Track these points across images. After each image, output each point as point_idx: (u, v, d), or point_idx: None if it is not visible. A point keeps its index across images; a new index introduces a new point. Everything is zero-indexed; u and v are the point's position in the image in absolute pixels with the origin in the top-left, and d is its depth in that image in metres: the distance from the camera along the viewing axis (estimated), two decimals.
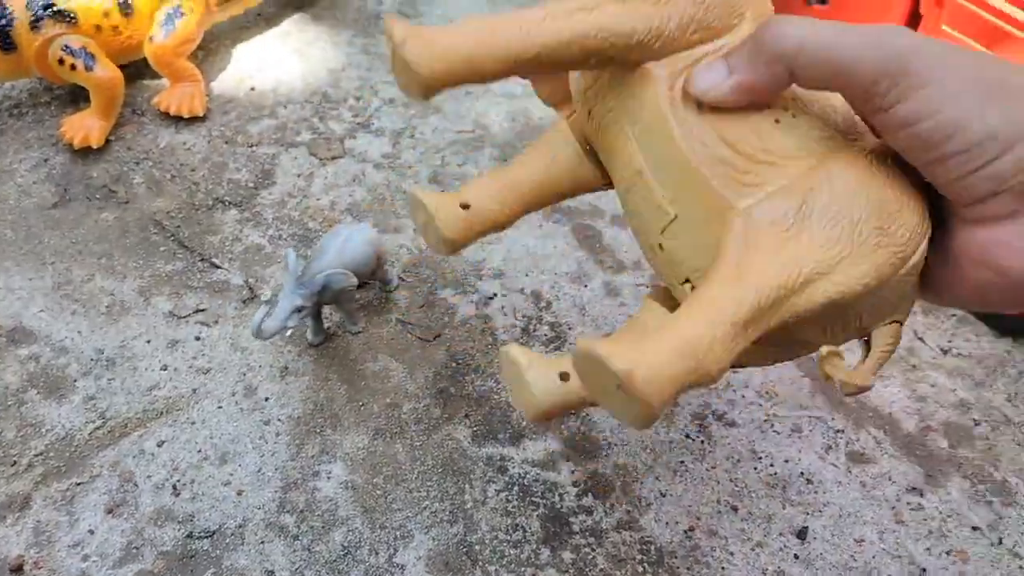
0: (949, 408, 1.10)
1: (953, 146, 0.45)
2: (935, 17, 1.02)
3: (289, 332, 1.04)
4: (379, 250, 1.09)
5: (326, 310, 1.14)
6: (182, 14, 1.36)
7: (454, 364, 1.11)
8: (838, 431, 1.06)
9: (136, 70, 1.44)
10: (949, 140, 0.45)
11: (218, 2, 1.43)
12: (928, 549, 0.96)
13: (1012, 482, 1.03)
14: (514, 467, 1.02)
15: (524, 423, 1.06)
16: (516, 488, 1.00)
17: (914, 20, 1.06)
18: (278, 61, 1.51)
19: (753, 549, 0.97)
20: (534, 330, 1.15)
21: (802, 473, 1.02)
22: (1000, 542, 0.97)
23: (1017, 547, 0.97)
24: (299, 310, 1.02)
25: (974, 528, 0.98)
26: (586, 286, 1.21)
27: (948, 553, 0.96)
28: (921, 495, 1.01)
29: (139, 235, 1.24)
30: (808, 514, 0.99)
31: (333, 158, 1.35)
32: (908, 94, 0.45)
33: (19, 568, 0.91)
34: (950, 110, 0.44)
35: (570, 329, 1.15)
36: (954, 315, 1.20)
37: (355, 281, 1.04)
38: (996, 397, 1.11)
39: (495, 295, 1.19)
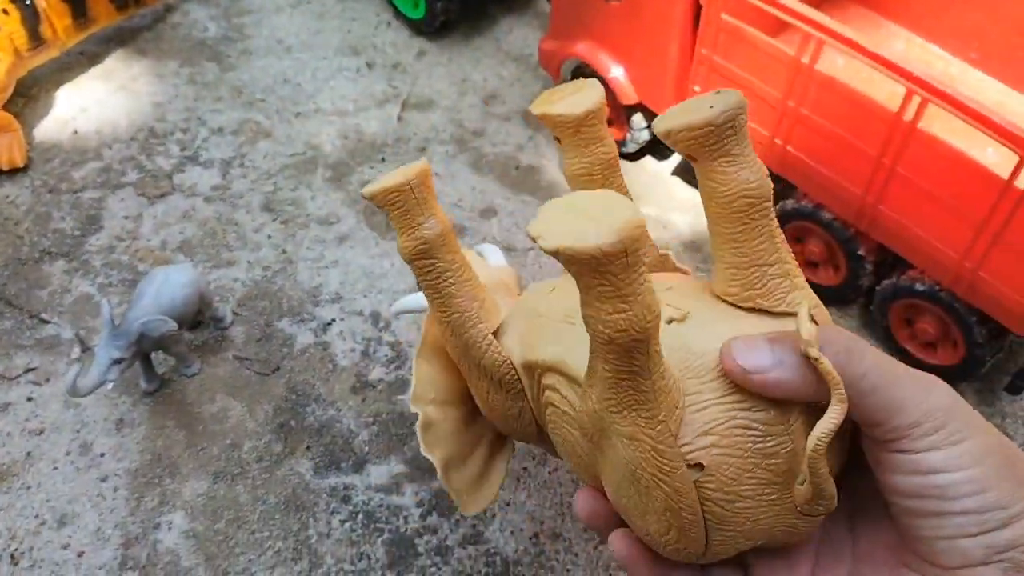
0: None
1: (965, 505, 0.44)
2: (715, 7, 1.04)
3: (111, 385, 1.01)
4: (201, 290, 1.07)
5: (159, 354, 1.11)
6: None
7: (294, 396, 1.10)
8: None
9: None
10: (964, 498, 0.44)
11: (28, 48, 1.38)
12: None
13: None
14: (358, 495, 1.02)
15: (367, 449, 1.05)
16: (360, 516, 1.00)
17: (697, 11, 1.08)
18: (102, 100, 1.46)
19: (596, 548, 0.98)
20: (374, 352, 1.15)
21: None
22: None
23: None
24: (118, 362, 0.99)
25: None
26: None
27: None
28: None
29: None
30: None
31: (162, 195, 1.32)
32: (942, 445, 0.45)
33: None
34: (976, 472, 0.44)
35: (410, 347, 1.15)
36: None
37: (174, 326, 1.01)
38: None
39: (333, 320, 1.18)
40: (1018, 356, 1.15)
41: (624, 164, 1.39)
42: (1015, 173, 0.87)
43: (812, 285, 0.52)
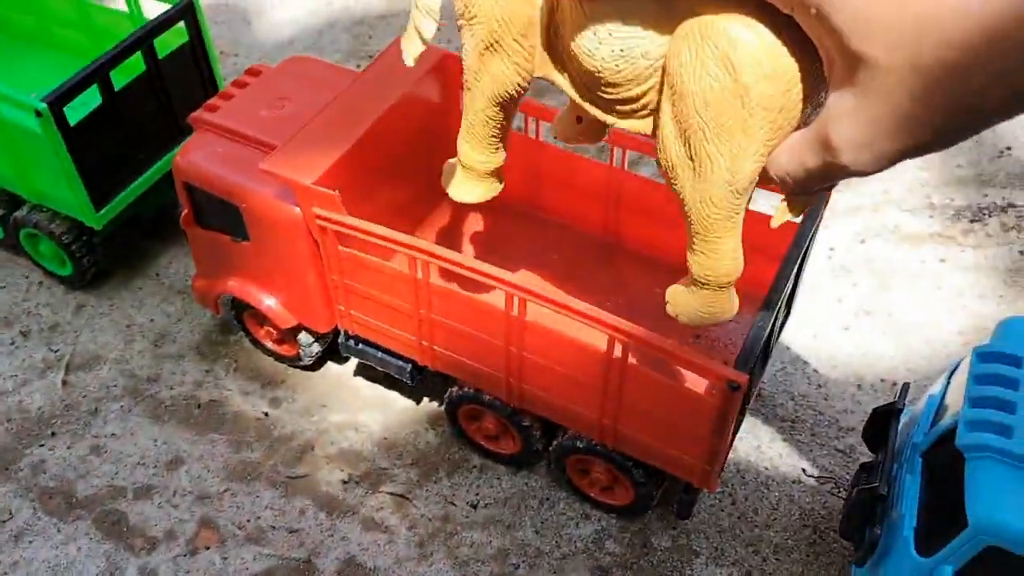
0: (490, 562, 1.18)
1: None
2: (330, 242, 1.11)
3: None
4: None
5: None
6: None
7: None
8: None
9: None
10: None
11: None
12: None
13: None
14: None
15: None
16: None
17: (318, 245, 1.15)
18: None
19: None
20: None
21: None
22: None
23: None
24: None
25: None
26: None
27: None
28: None
29: None
30: None
31: None
32: None
33: None
34: None
35: None
36: (475, 466, 1.29)
37: None
38: (526, 533, 1.22)
39: None
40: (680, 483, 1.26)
41: (306, 374, 1.41)
42: (609, 347, 0.98)
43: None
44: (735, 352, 1.14)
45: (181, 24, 1.40)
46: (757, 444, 1.31)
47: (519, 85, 0.75)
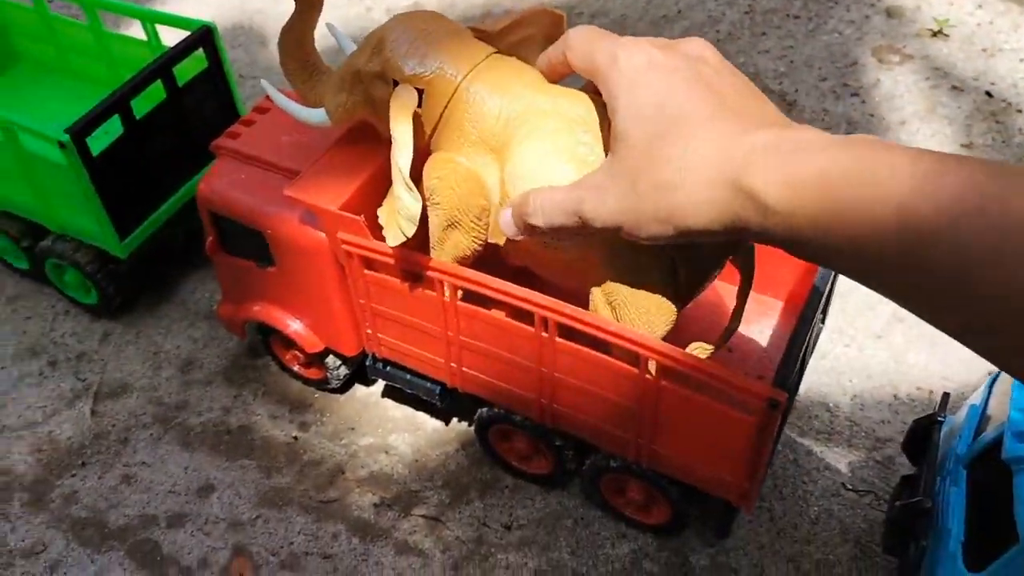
0: None
1: None
2: (356, 267, 1.10)
3: None
4: None
5: None
6: None
7: None
8: None
9: None
10: None
11: None
12: None
13: None
14: None
15: None
16: None
17: (343, 270, 1.14)
18: None
19: None
20: None
21: None
22: None
23: None
24: None
25: None
26: None
27: None
28: None
29: None
30: None
31: None
32: None
33: None
34: None
35: None
36: (507, 486, 1.28)
37: None
38: (562, 555, 1.20)
39: None
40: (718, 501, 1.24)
41: (334, 397, 1.41)
42: (642, 367, 0.96)
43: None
44: (770, 365, 1.12)
45: (200, 51, 1.41)
46: (794, 458, 1.29)
47: (476, 249, 0.99)
